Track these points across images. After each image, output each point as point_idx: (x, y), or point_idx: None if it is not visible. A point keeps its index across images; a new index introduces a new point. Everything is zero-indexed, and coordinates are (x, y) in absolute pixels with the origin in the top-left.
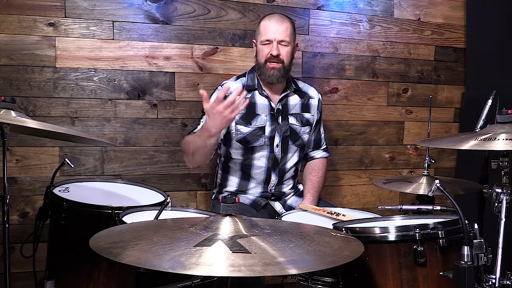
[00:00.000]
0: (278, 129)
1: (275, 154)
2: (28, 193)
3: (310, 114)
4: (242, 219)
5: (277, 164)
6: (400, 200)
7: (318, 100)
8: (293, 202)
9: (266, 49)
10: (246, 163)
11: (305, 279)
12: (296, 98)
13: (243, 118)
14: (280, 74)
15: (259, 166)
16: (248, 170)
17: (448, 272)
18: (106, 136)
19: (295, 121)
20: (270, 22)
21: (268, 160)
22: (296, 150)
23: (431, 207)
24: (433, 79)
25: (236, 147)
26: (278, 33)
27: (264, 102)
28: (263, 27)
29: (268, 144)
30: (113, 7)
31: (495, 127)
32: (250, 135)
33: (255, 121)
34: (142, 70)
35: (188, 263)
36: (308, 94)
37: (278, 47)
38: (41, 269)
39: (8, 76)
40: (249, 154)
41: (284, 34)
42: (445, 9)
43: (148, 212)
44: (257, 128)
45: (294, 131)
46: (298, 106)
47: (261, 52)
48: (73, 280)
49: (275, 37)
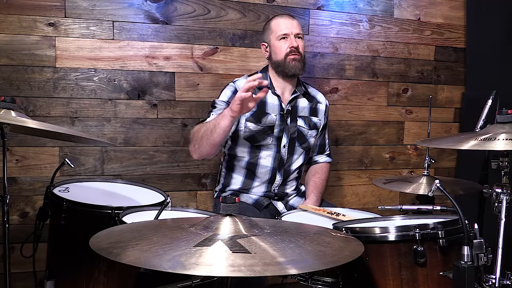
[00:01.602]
0: (287, 129)
1: (281, 154)
2: (28, 193)
3: (317, 119)
4: (242, 219)
5: (283, 165)
6: (400, 200)
7: (325, 105)
8: (295, 203)
9: (284, 44)
10: (252, 162)
11: (305, 279)
12: (305, 101)
13: (253, 115)
14: (301, 65)
15: (265, 165)
16: (254, 169)
17: (448, 272)
18: (106, 136)
19: (303, 124)
20: (282, 19)
21: (274, 160)
22: (302, 152)
23: (431, 207)
24: (433, 79)
25: (243, 145)
26: (293, 27)
27: (275, 101)
28: (276, 24)
29: (276, 144)
30: (113, 7)
31: (495, 127)
32: (258, 133)
33: (265, 120)
34: (142, 70)
35: (188, 263)
36: (316, 98)
37: (296, 39)
38: (41, 269)
39: (8, 76)
40: (255, 152)
41: (298, 27)
42: (445, 9)
43: (148, 212)
44: (266, 126)
45: (302, 133)
46: (306, 109)
47: (279, 48)
48: (73, 280)
49: (291, 30)
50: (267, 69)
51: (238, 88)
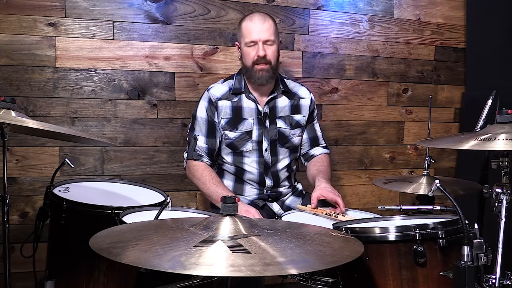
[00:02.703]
0: (266, 133)
1: (265, 158)
2: (28, 193)
3: (301, 116)
4: (242, 219)
5: (269, 168)
6: (400, 200)
7: (310, 99)
8: (292, 202)
9: (251, 51)
10: (238, 168)
11: (305, 279)
12: (285, 100)
13: (229, 123)
14: (269, 75)
15: (251, 171)
16: (241, 175)
17: (448, 272)
18: (106, 136)
19: (284, 124)
20: (252, 23)
21: (259, 165)
22: (287, 151)
23: (431, 207)
24: (433, 79)
25: (227, 152)
26: (262, 33)
27: (251, 105)
28: (246, 28)
29: (257, 148)
30: (113, 7)
31: (495, 127)
32: (237, 140)
33: (242, 126)
34: (142, 70)
35: (188, 263)
36: (298, 94)
37: (264, 47)
38: (41, 269)
39: (8, 76)
40: (239, 159)
41: (268, 33)
42: (445, 9)
43: (148, 212)
44: (243, 132)
45: (283, 134)
46: (287, 108)
47: (247, 55)
48: (73, 280)
49: (259, 37)
50: (242, 72)
51: (213, 97)
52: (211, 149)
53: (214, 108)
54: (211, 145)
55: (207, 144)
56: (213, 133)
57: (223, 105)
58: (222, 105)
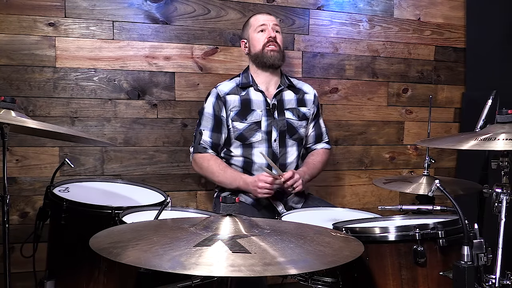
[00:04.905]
0: (275, 123)
1: (273, 149)
2: (28, 193)
3: (306, 109)
4: (242, 219)
5: (277, 159)
6: (400, 200)
7: (313, 95)
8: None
9: (261, 36)
10: (247, 160)
11: (305, 279)
12: (291, 94)
13: (238, 114)
14: (279, 56)
15: (259, 162)
16: (249, 168)
17: (448, 272)
18: (106, 136)
19: (292, 116)
20: (259, 14)
21: (267, 155)
22: (294, 144)
23: (431, 207)
24: (433, 79)
25: (235, 145)
26: (270, 20)
27: (259, 97)
28: (254, 19)
29: (266, 139)
30: (113, 7)
31: (495, 127)
32: (246, 130)
33: (251, 117)
34: (142, 70)
35: (188, 263)
36: (302, 89)
37: (274, 32)
38: (41, 269)
39: (8, 76)
40: (248, 151)
41: (275, 21)
42: (445, 9)
43: (148, 212)
44: (252, 123)
45: (291, 125)
46: (293, 101)
47: (257, 40)
48: (73, 280)
49: (269, 22)
50: (248, 69)
51: (221, 92)
52: (215, 144)
53: (222, 103)
54: (215, 140)
55: (212, 139)
56: (219, 128)
57: (232, 99)
58: (231, 99)
